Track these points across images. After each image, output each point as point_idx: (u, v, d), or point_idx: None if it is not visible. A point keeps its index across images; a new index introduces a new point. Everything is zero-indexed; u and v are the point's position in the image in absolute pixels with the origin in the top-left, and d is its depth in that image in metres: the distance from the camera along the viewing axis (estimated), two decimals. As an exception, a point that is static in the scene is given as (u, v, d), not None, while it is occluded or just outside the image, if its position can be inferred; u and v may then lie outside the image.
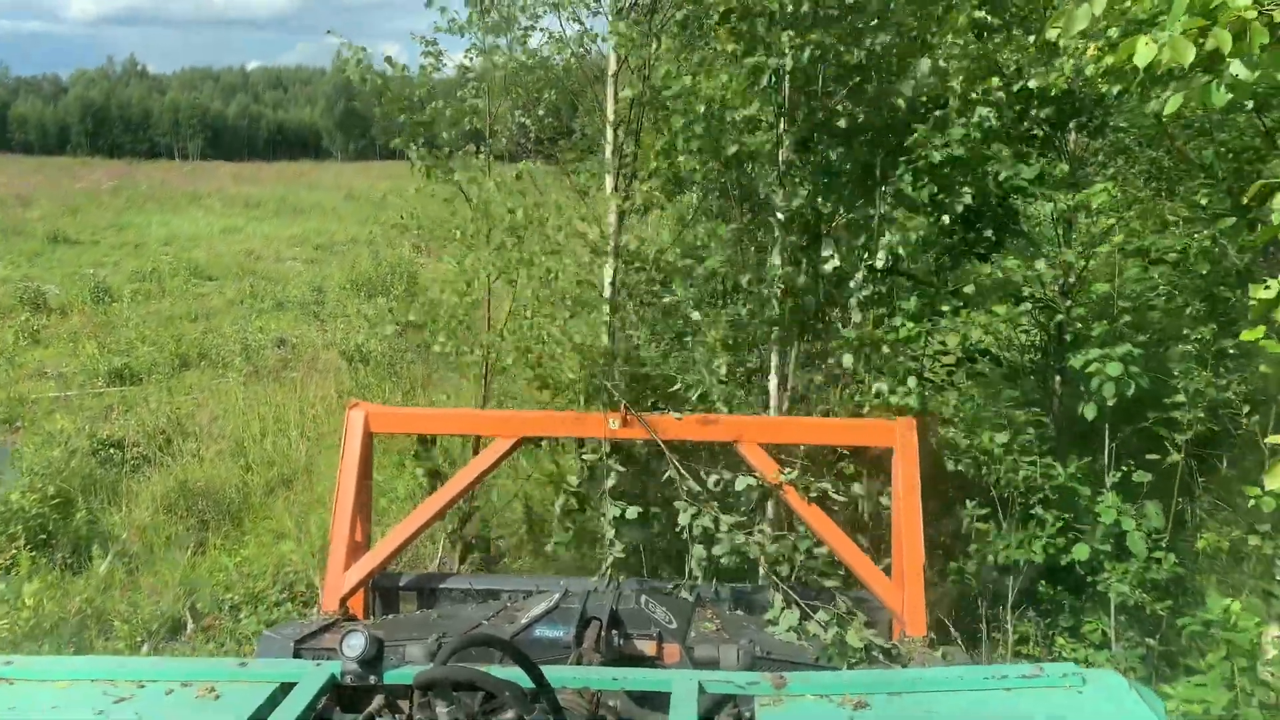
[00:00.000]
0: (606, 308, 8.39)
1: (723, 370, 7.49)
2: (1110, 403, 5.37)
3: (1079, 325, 5.99)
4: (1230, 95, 2.95)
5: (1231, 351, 5.75)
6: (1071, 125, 7.08)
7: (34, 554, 8.25)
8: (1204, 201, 5.81)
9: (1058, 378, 7.63)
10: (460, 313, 7.22)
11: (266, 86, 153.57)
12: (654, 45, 8.06)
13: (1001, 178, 6.06)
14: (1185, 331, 5.82)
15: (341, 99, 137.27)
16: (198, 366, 15.53)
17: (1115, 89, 5.32)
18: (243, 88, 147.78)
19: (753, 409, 8.14)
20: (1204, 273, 5.75)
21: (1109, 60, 5.03)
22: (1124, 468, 5.77)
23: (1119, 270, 5.70)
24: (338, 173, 71.96)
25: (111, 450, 10.96)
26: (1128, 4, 3.18)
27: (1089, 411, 5.55)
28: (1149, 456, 5.73)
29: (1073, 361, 5.68)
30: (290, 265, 26.56)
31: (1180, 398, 5.55)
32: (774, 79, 5.85)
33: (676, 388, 6.76)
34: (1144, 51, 2.96)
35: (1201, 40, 2.91)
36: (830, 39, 5.65)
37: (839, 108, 6.15)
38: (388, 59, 8.74)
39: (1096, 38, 5.04)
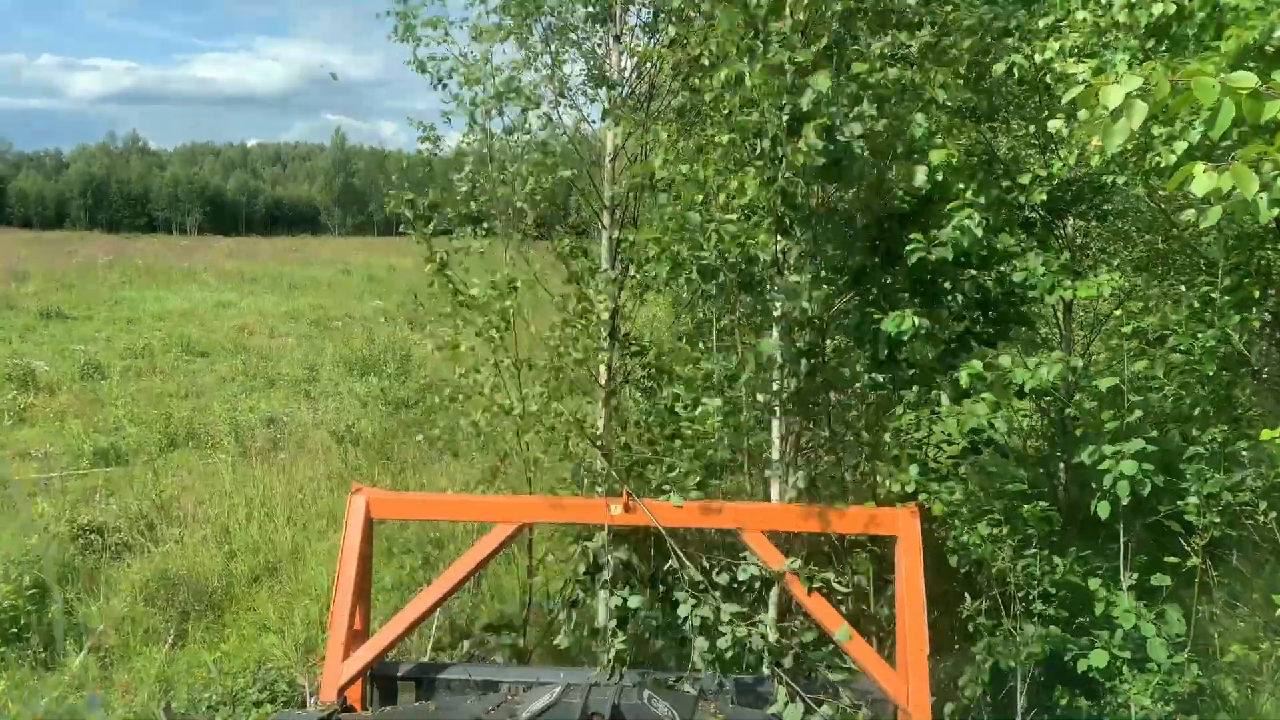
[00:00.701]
0: (601, 394, 8.28)
1: (725, 455, 7.42)
2: (1125, 502, 5.20)
3: (1087, 417, 5.83)
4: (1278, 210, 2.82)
5: (1245, 453, 5.60)
6: (1071, 213, 7.04)
7: (4, 649, 7.92)
8: (1211, 296, 5.72)
9: (1061, 466, 7.46)
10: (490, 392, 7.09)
11: (266, 162, 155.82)
12: (650, 135, 8.09)
13: (993, 277, 6.01)
14: (1195, 433, 5.67)
15: (340, 174, 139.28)
16: (186, 446, 15.26)
17: (1119, 178, 5.28)
18: (242, 164, 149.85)
19: (755, 495, 7.99)
20: (1211, 373, 5.64)
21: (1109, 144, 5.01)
22: (1139, 568, 5.59)
23: (1126, 363, 5.57)
24: (335, 247, 72.50)
25: (92, 536, 10.66)
26: (1170, 109, 3.06)
27: (1102, 510, 5.37)
28: (1167, 560, 5.55)
29: (1082, 456, 5.52)
30: (284, 341, 26.42)
31: (1194, 500, 5.39)
32: (772, 167, 5.79)
33: (676, 472, 6.59)
34: (1203, 180, 2.82)
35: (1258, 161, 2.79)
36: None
37: (836, 205, 6.14)
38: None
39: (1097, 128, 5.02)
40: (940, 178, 5.45)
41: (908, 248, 5.69)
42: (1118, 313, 5.91)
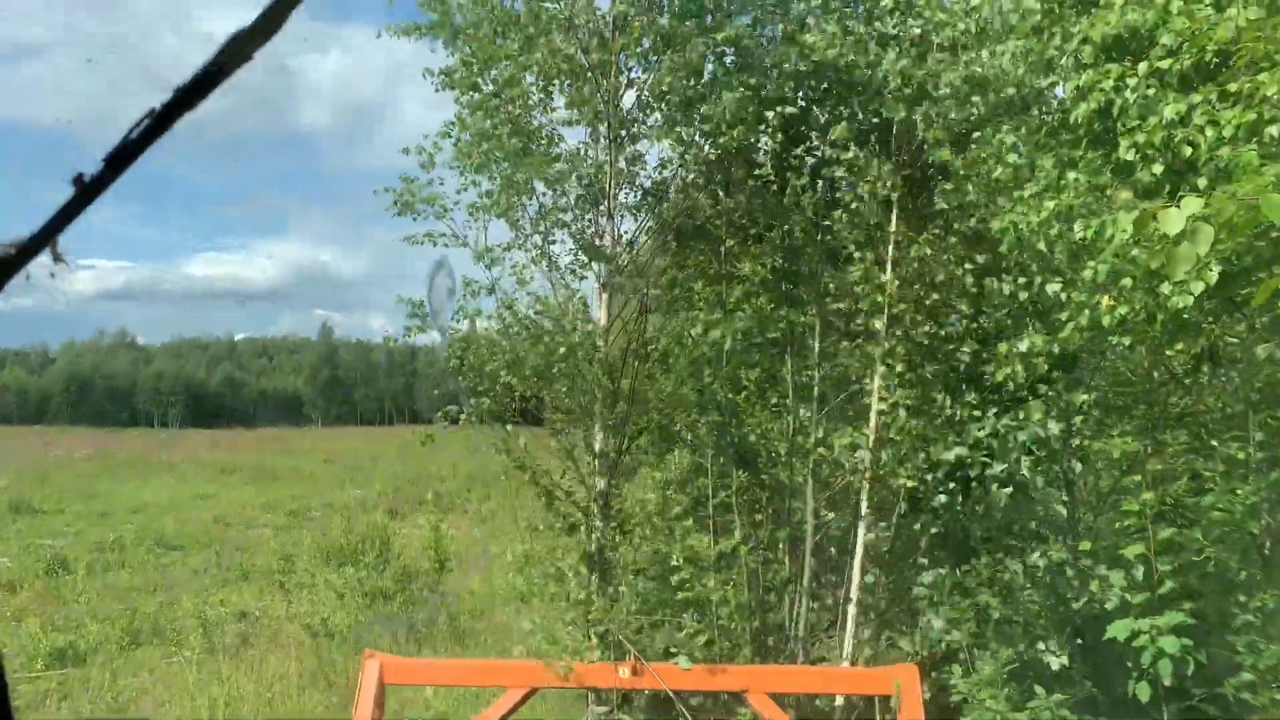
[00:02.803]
0: (595, 577, 7.89)
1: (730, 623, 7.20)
2: (1168, 682, 4.79)
3: (1114, 590, 5.48)
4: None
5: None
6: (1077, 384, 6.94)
7: None
8: (1240, 455, 5.51)
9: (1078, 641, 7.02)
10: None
11: (252, 356, 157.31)
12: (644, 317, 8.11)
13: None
14: (1241, 598, 5.31)
15: (326, 368, 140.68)
16: (150, 644, 14.42)
17: (1126, 340, 5.18)
18: (229, 357, 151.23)
19: (763, 657, 7.64)
20: (1254, 531, 5.33)
21: (1123, 310, 4.93)
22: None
23: (1151, 531, 5.28)
24: (318, 438, 72.08)
25: (39, 745, 9.84)
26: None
27: (1141, 692, 4.95)
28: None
29: (1114, 632, 5.14)
30: (261, 533, 25.68)
31: (1247, 675, 4.97)
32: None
33: (684, 633, 6.81)
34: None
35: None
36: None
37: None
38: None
39: (1107, 289, 4.96)
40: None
41: None
42: (1136, 478, 5.66)
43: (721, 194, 8.11)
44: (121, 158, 0.85)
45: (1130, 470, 6.29)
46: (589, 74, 7.93)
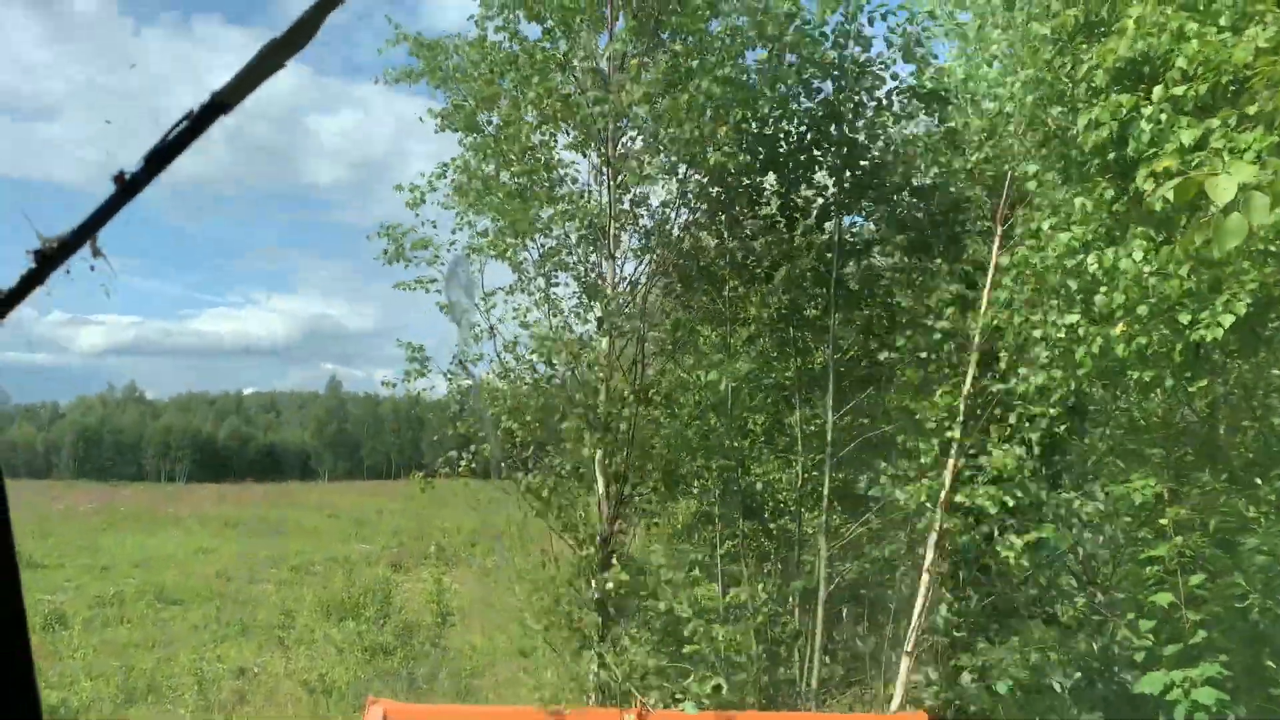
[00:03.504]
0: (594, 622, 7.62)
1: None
2: (1204, 738, 4.49)
3: (1143, 641, 5.20)
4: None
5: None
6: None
7: None
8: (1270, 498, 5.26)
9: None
10: None
11: (260, 410, 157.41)
12: (643, 349, 7.93)
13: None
14: (1281, 646, 5.02)
15: (333, 421, 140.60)
16: (145, 701, 14.06)
17: (1145, 374, 4.97)
18: (236, 411, 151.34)
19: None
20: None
21: (1142, 340, 4.74)
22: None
23: (1181, 582, 5.02)
24: (323, 492, 71.68)
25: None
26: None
27: (1177, 747, 4.65)
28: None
29: (1144, 686, 4.86)
30: (263, 587, 25.34)
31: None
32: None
33: (691, 679, 6.71)
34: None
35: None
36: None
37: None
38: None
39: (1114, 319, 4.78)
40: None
41: None
42: (1162, 521, 5.40)
43: (725, 234, 7.97)
44: (160, 157, 0.89)
45: (1152, 516, 6.02)
46: (588, 113, 7.85)
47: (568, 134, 8.25)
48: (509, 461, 8.31)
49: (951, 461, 6.88)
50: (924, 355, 7.10)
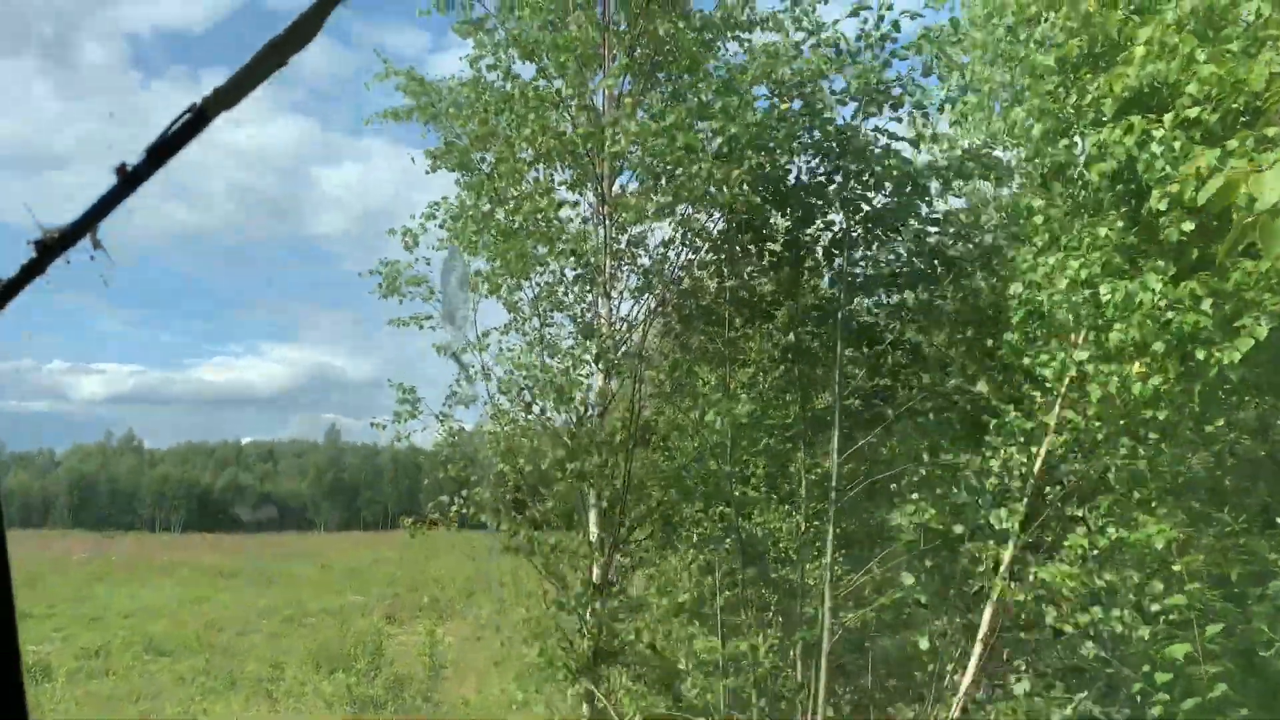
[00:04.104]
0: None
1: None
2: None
3: (1160, 697, 4.93)
4: None
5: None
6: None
7: None
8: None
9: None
10: None
11: (258, 459, 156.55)
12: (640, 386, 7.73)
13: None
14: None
15: (331, 470, 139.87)
16: (125, 758, 13.66)
17: (1160, 414, 4.77)
18: (235, 460, 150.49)
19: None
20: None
21: (1156, 381, 4.55)
22: None
23: (1199, 634, 4.77)
24: (319, 543, 71.06)
25: None
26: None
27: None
28: None
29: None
30: (253, 638, 24.89)
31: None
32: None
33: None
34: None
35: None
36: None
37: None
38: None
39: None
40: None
41: None
42: (1176, 567, 5.16)
43: (726, 272, 7.79)
44: (162, 150, 0.90)
45: (1163, 565, 5.75)
46: (582, 151, 7.73)
47: (563, 171, 8.15)
48: (503, 506, 8.07)
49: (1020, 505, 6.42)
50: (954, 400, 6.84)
